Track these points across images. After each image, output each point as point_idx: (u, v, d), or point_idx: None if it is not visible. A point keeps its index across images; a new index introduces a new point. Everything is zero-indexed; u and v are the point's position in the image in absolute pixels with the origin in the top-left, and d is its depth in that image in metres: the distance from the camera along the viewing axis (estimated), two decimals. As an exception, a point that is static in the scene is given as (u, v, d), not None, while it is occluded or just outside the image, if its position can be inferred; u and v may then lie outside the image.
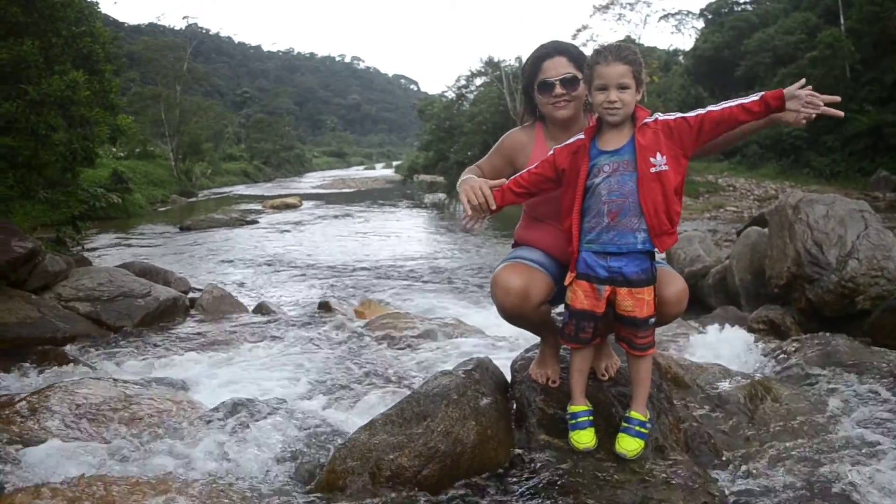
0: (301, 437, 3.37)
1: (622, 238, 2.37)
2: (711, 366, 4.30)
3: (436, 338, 6.01)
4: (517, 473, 2.55)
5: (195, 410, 3.86)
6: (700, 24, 47.14)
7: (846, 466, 3.07)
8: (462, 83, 40.18)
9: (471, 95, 39.70)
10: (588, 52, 2.59)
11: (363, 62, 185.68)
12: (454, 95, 40.81)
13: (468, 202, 2.55)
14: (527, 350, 3.29)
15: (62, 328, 6.15)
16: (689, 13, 45.52)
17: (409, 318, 6.66)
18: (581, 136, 2.46)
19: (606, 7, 36.58)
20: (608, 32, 47.45)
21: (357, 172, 66.11)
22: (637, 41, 36.06)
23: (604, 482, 2.41)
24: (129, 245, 15.73)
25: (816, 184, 25.00)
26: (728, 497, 2.79)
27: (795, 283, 6.03)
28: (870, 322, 5.37)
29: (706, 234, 10.60)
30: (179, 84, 39.73)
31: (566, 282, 2.50)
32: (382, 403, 3.79)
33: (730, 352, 5.33)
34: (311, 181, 49.54)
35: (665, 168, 2.31)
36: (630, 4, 36.65)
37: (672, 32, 56.08)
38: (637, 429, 2.53)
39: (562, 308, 2.65)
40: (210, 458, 3.12)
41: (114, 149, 28.94)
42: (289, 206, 26.14)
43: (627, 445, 2.52)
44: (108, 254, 13.85)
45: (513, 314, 2.69)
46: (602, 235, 2.39)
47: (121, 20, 78.15)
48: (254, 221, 21.04)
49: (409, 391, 3.34)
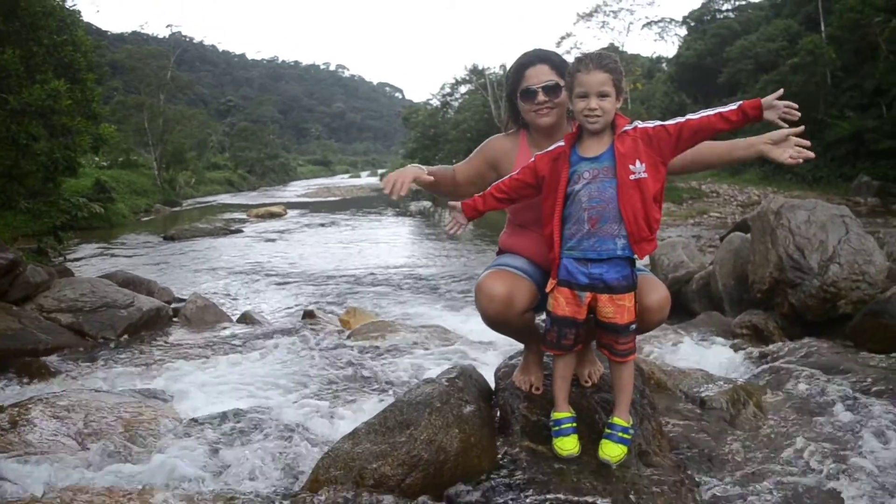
0: (284, 447, 3.36)
1: (602, 244, 2.38)
2: (694, 371, 4.31)
3: (420, 345, 6.00)
4: (501, 481, 2.55)
5: (178, 421, 3.85)
6: (683, 32, 47.57)
7: (830, 470, 3.09)
8: (447, 91, 40.41)
9: (455, 103, 39.93)
10: (571, 60, 2.61)
11: (348, 70, 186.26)
12: (439, 103, 41.02)
13: (387, 183, 2.59)
14: (510, 357, 3.30)
15: (44, 339, 6.09)
16: (672, 21, 45.78)
17: (394, 326, 6.64)
18: (561, 143, 2.48)
19: (590, 15, 36.80)
20: (592, 40, 47.72)
21: (342, 181, 65.96)
22: (620, 49, 36.34)
23: (588, 489, 2.42)
24: (112, 255, 15.60)
25: (799, 189, 25.23)
26: (711, 502, 2.81)
27: (778, 288, 6.08)
28: (851, 326, 5.42)
29: (690, 240, 10.66)
30: (163, 92, 39.60)
31: (547, 289, 2.51)
32: (366, 412, 3.78)
33: (713, 357, 5.37)
34: (296, 190, 49.37)
35: (644, 175, 2.33)
36: (613, 12, 36.87)
37: (655, 40, 56.51)
38: (620, 435, 2.54)
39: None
40: (193, 468, 3.11)
41: (96, 158, 28.88)
42: (273, 216, 26.02)
43: (611, 451, 2.52)
44: (91, 264, 13.74)
45: (496, 321, 2.69)
46: (583, 242, 2.40)
47: (103, 28, 77.65)
48: (238, 231, 20.91)
49: (394, 399, 3.34)
